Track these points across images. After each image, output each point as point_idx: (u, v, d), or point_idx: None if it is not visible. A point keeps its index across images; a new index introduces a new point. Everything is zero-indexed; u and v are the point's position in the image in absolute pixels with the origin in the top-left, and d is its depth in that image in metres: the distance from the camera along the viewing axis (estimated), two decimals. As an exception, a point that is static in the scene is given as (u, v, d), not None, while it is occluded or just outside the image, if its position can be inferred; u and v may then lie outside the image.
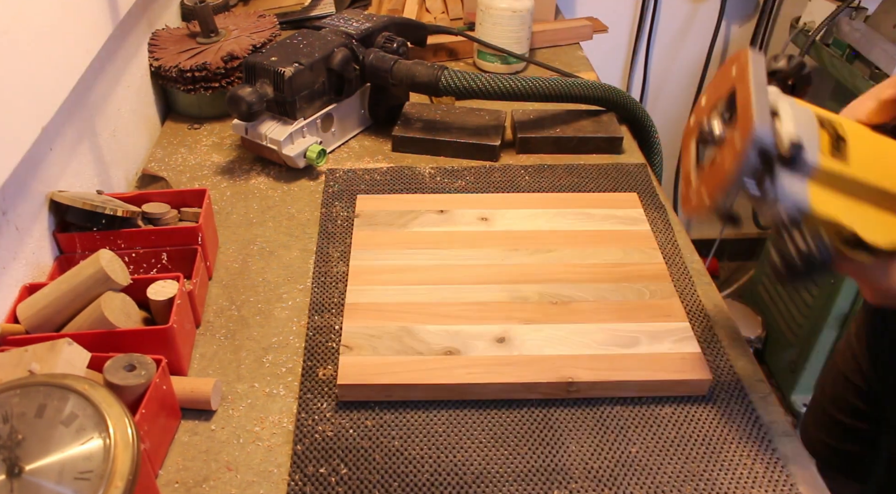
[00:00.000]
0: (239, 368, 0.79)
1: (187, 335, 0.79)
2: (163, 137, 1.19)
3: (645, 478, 0.67)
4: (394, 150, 1.15)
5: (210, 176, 1.09)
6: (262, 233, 0.98)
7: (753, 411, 0.74)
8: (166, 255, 0.85)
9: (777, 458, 0.69)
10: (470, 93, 1.09)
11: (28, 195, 0.81)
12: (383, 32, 1.15)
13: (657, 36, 2.17)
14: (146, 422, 0.64)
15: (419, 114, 1.18)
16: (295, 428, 0.72)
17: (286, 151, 1.05)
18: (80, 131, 0.95)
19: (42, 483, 0.52)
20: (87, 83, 0.97)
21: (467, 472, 0.68)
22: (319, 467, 0.68)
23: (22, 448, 0.53)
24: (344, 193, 1.04)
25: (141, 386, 0.65)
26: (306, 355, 0.79)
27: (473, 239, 0.92)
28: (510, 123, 1.19)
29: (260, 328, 0.84)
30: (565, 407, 0.74)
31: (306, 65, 1.04)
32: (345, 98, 1.13)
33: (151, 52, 1.20)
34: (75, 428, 0.55)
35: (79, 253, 0.84)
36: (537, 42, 1.47)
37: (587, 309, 0.82)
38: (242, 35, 1.23)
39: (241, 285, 0.89)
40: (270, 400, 0.75)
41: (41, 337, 0.70)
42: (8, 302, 0.76)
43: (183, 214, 0.91)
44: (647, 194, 1.04)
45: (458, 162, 1.12)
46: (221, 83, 1.18)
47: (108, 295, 0.73)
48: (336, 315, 0.84)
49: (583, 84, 1.12)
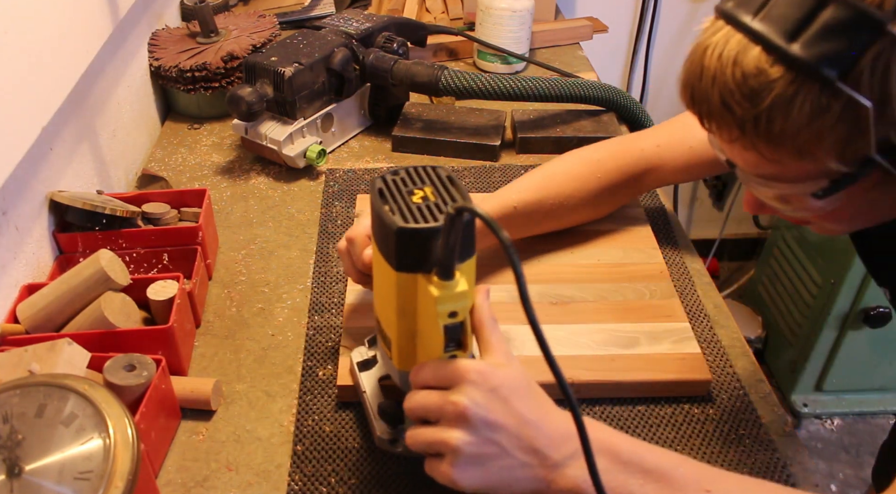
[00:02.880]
0: (239, 368, 0.79)
1: (187, 335, 0.79)
2: (163, 137, 1.19)
3: (645, 478, 0.67)
4: (394, 150, 1.15)
5: (210, 176, 1.09)
6: (262, 233, 0.98)
7: (753, 411, 0.74)
8: (166, 255, 0.85)
9: (777, 458, 0.69)
10: (470, 93, 1.09)
11: (28, 195, 0.81)
12: (383, 32, 1.15)
13: (657, 36, 2.17)
14: (146, 422, 0.64)
15: (419, 114, 1.18)
16: (295, 428, 0.72)
17: (286, 151, 1.05)
18: (80, 131, 0.95)
19: (42, 483, 0.52)
20: (87, 83, 0.97)
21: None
22: (319, 467, 0.68)
23: (22, 448, 0.53)
24: (344, 193, 1.04)
25: (141, 386, 0.65)
26: (306, 355, 0.79)
27: None
28: (510, 123, 1.19)
29: (260, 328, 0.84)
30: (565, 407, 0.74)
31: (306, 65, 1.04)
32: (345, 98, 1.13)
33: (151, 52, 1.20)
34: (75, 428, 0.55)
35: (79, 253, 0.84)
36: (537, 42, 1.47)
37: (587, 310, 0.82)
38: (242, 35, 1.23)
39: (241, 285, 0.89)
40: (270, 399, 0.75)
41: (41, 337, 0.70)
42: (8, 302, 0.76)
43: (183, 214, 0.91)
44: (648, 194, 1.04)
45: (458, 162, 1.12)
46: (221, 83, 1.18)
47: (108, 295, 0.73)
48: (336, 315, 0.84)
49: (583, 84, 1.12)
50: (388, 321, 0.58)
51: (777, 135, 0.47)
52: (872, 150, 0.46)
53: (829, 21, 0.45)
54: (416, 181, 0.55)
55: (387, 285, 0.55)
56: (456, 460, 0.51)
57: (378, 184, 0.55)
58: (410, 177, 0.56)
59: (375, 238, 0.56)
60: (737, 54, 0.48)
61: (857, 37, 0.44)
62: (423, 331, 0.55)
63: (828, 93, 0.45)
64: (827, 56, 0.44)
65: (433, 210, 0.52)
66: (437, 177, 0.56)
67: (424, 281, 0.52)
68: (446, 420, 0.52)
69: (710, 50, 0.49)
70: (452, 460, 0.52)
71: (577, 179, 0.86)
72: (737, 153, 0.53)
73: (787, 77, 0.46)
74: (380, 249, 0.55)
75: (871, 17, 0.43)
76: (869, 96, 0.44)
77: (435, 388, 0.54)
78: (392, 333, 0.58)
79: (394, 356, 0.59)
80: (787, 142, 0.48)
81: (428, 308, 0.53)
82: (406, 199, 0.53)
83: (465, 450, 0.51)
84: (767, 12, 0.47)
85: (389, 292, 0.55)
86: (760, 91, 0.47)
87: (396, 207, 0.52)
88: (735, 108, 0.48)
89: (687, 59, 0.52)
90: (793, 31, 0.46)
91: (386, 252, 0.53)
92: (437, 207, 0.52)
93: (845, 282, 1.72)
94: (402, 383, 0.60)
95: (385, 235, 0.52)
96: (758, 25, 0.47)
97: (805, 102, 0.46)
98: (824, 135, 0.46)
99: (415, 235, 0.51)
